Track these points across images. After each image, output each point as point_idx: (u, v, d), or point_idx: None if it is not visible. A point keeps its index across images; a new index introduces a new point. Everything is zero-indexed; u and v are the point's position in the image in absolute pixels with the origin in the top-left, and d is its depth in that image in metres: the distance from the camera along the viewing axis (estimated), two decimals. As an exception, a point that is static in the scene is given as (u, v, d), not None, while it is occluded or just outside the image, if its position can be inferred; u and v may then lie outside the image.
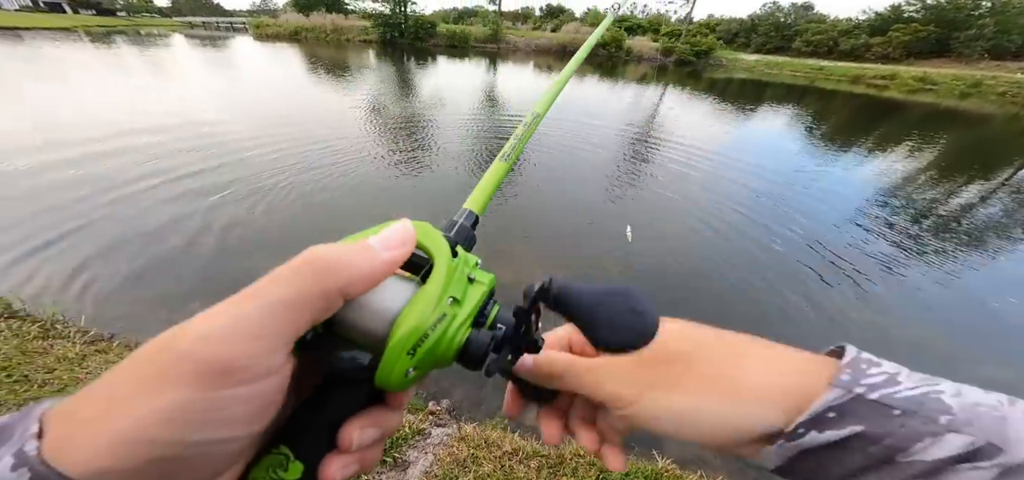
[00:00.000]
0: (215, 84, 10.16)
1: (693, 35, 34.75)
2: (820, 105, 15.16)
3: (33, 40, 17.55)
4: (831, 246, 3.84)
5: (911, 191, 5.79)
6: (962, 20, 34.61)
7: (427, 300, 0.20)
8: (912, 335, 2.78)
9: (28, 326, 1.82)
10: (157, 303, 2.38)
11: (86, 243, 2.90)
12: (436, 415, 1.78)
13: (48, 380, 1.50)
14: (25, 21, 29.21)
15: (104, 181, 3.91)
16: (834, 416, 0.21)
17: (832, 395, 0.21)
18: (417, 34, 30.55)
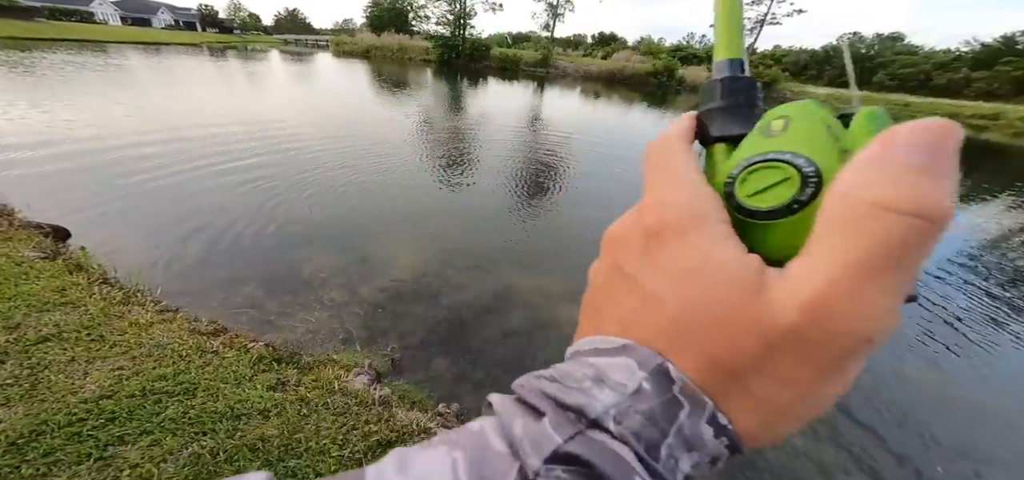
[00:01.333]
0: (295, 93, 11.49)
1: (755, 66, 33.00)
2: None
3: (169, 53, 21.26)
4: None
5: (1007, 250, 4.88)
6: None
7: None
8: (990, 405, 2.27)
9: (115, 291, 2.11)
10: (217, 285, 2.66)
11: (171, 225, 3.35)
12: (444, 417, 1.78)
13: (119, 341, 1.72)
14: (167, 37, 36.14)
15: (195, 174, 4.53)
16: None
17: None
18: (472, 55, 32.35)
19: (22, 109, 6.26)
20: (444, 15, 33.74)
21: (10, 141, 4.78)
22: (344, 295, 2.65)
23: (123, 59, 15.52)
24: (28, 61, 11.75)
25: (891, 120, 0.14)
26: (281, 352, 1.88)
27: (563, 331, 2.55)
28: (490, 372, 2.21)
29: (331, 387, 1.70)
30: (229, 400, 1.50)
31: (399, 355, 2.22)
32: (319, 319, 2.41)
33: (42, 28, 28.29)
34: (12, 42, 17.88)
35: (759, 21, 34.39)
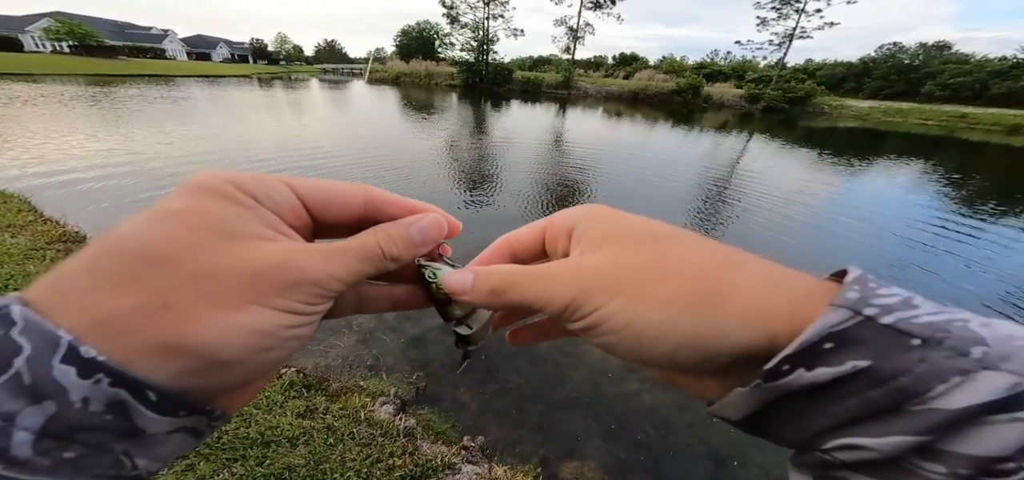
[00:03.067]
0: (331, 118, 12.28)
1: (786, 80, 31.87)
2: (959, 159, 12.40)
3: (225, 84, 23.62)
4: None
5: None
6: None
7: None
8: None
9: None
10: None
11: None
12: (469, 451, 1.73)
13: None
14: (224, 70, 40.88)
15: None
16: (831, 347, 0.15)
17: (832, 317, 0.16)
18: (496, 79, 33.43)
19: (99, 138, 7.06)
20: (468, 42, 35.33)
21: (81, 166, 5.38)
22: (372, 320, 2.70)
23: (186, 91, 17.30)
24: (107, 95, 13.36)
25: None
26: (311, 378, 1.92)
27: (593, 356, 2.45)
28: (517, 402, 2.15)
29: (357, 416, 1.71)
30: (260, 426, 1.54)
31: (424, 383, 2.20)
32: (348, 345, 2.45)
33: (122, 65, 32.35)
34: (99, 79, 20.47)
35: (788, 36, 33.44)
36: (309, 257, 0.20)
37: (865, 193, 7.54)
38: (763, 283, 0.18)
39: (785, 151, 12.14)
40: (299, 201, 0.22)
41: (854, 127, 21.40)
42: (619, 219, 0.23)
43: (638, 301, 0.19)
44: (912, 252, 4.74)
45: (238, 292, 0.17)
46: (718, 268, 0.19)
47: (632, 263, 0.21)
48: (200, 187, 0.19)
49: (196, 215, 0.18)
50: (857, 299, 0.16)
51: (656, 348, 0.19)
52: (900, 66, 40.93)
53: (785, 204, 6.21)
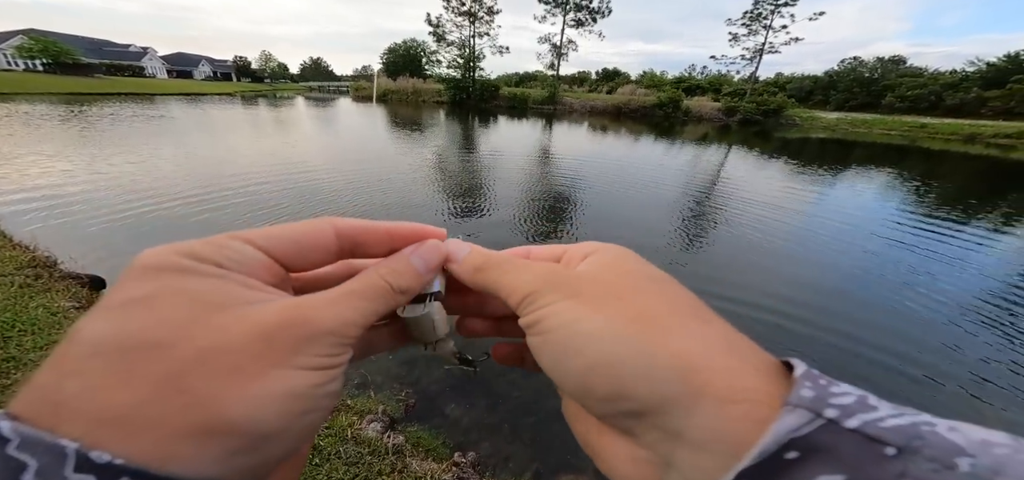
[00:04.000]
0: (317, 136, 12.18)
1: (759, 93, 33.48)
2: (924, 168, 13.16)
3: (208, 102, 23.12)
4: (958, 346, 3.08)
5: None
6: None
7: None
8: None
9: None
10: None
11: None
12: (459, 467, 1.69)
13: None
14: (206, 88, 40.14)
15: (224, 216, 4.75)
16: (796, 457, 0.13)
17: (791, 420, 0.13)
18: (483, 96, 33.94)
19: (70, 161, 6.80)
20: (455, 59, 35.90)
21: (56, 190, 5.16)
22: (359, 335, 2.65)
23: (164, 110, 16.91)
24: (79, 114, 12.93)
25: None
26: (330, 403, 1.85)
27: (581, 371, 2.46)
28: (508, 416, 2.12)
29: (344, 434, 1.66)
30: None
31: (414, 400, 2.16)
32: (334, 361, 2.39)
33: (98, 83, 31.43)
34: (73, 97, 19.83)
35: (758, 50, 35.27)
36: (316, 308, 0.18)
37: (842, 200, 7.88)
38: (714, 344, 0.17)
39: (764, 161, 12.66)
40: (264, 255, 0.20)
41: (825, 138, 22.52)
42: (635, 259, 0.22)
43: (586, 306, 0.19)
44: (892, 251, 4.98)
45: (256, 360, 0.16)
46: (687, 312, 0.18)
47: (606, 278, 0.20)
48: (154, 268, 0.17)
49: (169, 296, 0.16)
50: (814, 398, 0.14)
51: (574, 361, 0.18)
52: (861, 79, 43.57)
53: (768, 210, 6.44)
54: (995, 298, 3.87)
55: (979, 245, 5.42)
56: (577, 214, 5.79)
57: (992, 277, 4.37)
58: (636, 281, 0.20)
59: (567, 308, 0.19)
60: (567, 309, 0.19)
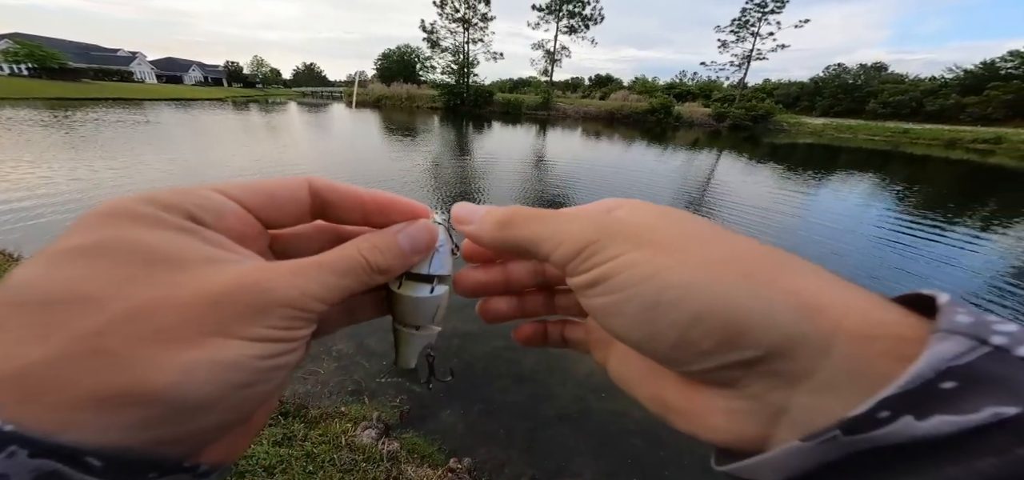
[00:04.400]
0: (310, 139, 12.11)
1: (748, 99, 34.18)
2: (908, 172, 13.53)
3: (197, 108, 22.77)
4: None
5: None
6: None
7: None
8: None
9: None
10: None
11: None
12: (455, 473, 1.68)
13: None
14: (196, 93, 39.30)
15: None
16: (954, 387, 0.11)
17: (948, 346, 0.12)
18: (477, 101, 34.11)
19: (50, 167, 6.65)
20: (449, 65, 36.06)
21: (36, 197, 5.04)
22: (352, 346, 2.62)
23: (152, 114, 16.66)
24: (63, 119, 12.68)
25: None
26: (288, 406, 1.83)
27: (578, 374, 2.46)
28: (504, 422, 2.12)
29: (338, 442, 1.64)
30: (234, 460, 1.45)
31: (408, 407, 2.14)
32: (328, 371, 2.37)
33: (84, 88, 30.88)
34: (58, 102, 19.43)
35: (746, 57, 36.09)
36: (277, 275, 0.17)
37: (832, 203, 8.06)
38: (825, 282, 0.15)
39: (753, 166, 12.90)
40: (239, 206, 0.19)
41: (812, 143, 23.03)
42: (669, 207, 0.20)
43: (668, 254, 0.16)
44: (882, 252, 5.13)
45: (194, 325, 0.14)
46: (777, 256, 0.16)
47: (669, 226, 0.18)
48: (110, 215, 0.15)
49: (115, 248, 0.15)
50: (974, 323, 0.12)
51: (670, 315, 0.15)
52: (845, 86, 44.76)
53: (761, 213, 6.56)
54: (978, 298, 3.98)
55: (962, 247, 5.58)
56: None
57: (979, 274, 4.51)
58: (699, 226, 0.18)
59: (645, 258, 0.16)
60: (646, 259, 0.16)
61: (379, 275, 0.21)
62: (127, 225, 0.15)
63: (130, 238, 0.15)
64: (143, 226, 0.15)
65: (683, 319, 0.15)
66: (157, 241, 0.15)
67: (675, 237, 0.17)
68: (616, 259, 0.17)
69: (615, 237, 0.17)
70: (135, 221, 0.15)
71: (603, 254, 0.17)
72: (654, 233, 0.17)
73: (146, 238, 0.15)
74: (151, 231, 0.15)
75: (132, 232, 0.15)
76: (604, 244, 0.17)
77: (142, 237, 0.15)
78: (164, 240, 0.16)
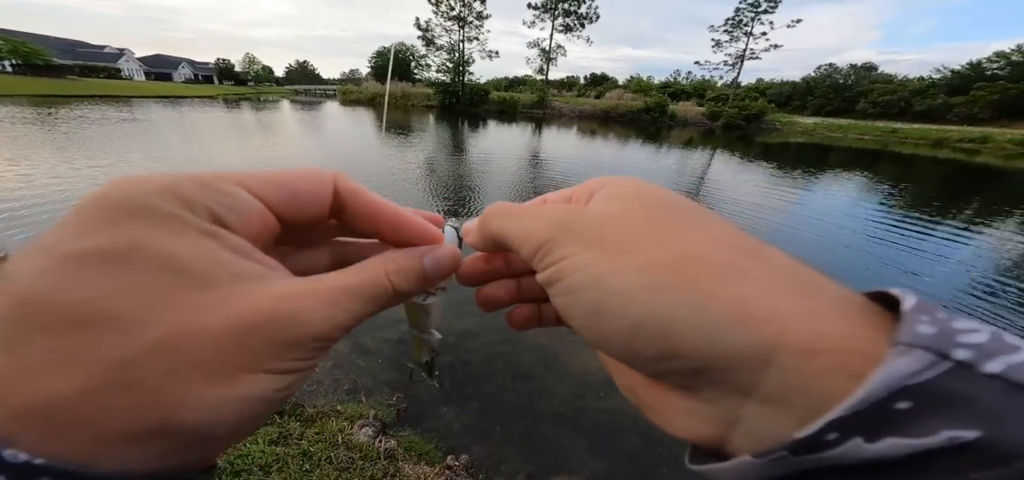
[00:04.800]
0: (303, 137, 11.98)
1: (741, 99, 34.53)
2: (896, 171, 13.77)
3: (188, 105, 22.39)
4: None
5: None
6: None
7: None
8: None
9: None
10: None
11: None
12: (453, 471, 1.69)
13: None
14: (186, 91, 38.44)
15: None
16: (908, 408, 0.11)
17: (906, 363, 0.11)
18: (472, 100, 34.03)
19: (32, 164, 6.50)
20: (444, 63, 35.89)
21: (12, 196, 4.93)
22: (348, 345, 2.61)
23: (142, 112, 16.35)
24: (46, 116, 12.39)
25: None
26: (284, 405, 1.82)
27: (575, 372, 2.47)
28: (501, 419, 2.12)
29: (335, 440, 1.63)
30: (228, 455, 1.44)
31: (405, 405, 2.14)
32: (323, 370, 2.35)
33: (70, 85, 30.21)
34: (41, 99, 18.98)
35: (739, 56, 36.43)
36: (309, 305, 0.16)
37: (824, 201, 8.19)
38: (775, 287, 0.14)
39: (746, 165, 13.03)
40: (261, 204, 0.17)
41: (803, 142, 23.33)
42: (649, 187, 0.19)
43: (614, 258, 0.16)
44: (874, 247, 5.23)
45: (227, 359, 0.14)
46: (733, 249, 0.15)
47: (630, 219, 0.17)
48: (128, 210, 0.14)
49: (142, 257, 0.13)
50: (936, 335, 0.11)
51: (613, 323, 0.15)
52: (836, 85, 45.44)
53: (754, 209, 6.64)
54: (961, 292, 4.07)
55: (952, 242, 5.69)
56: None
57: (970, 267, 4.61)
58: (665, 216, 0.17)
59: (591, 260, 0.16)
60: (592, 262, 0.16)
61: (398, 299, 0.20)
62: (150, 228, 0.14)
63: (155, 247, 0.14)
64: (167, 231, 0.14)
65: (625, 327, 0.15)
66: (183, 251, 0.14)
67: (630, 233, 0.16)
68: (566, 260, 0.17)
69: (569, 235, 0.17)
70: (158, 223, 0.14)
71: (556, 253, 0.17)
72: (610, 229, 0.17)
73: (171, 246, 0.14)
74: (176, 238, 0.14)
75: (157, 238, 0.14)
76: (558, 242, 0.17)
77: (167, 245, 0.14)
78: (190, 249, 0.14)
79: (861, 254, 5.09)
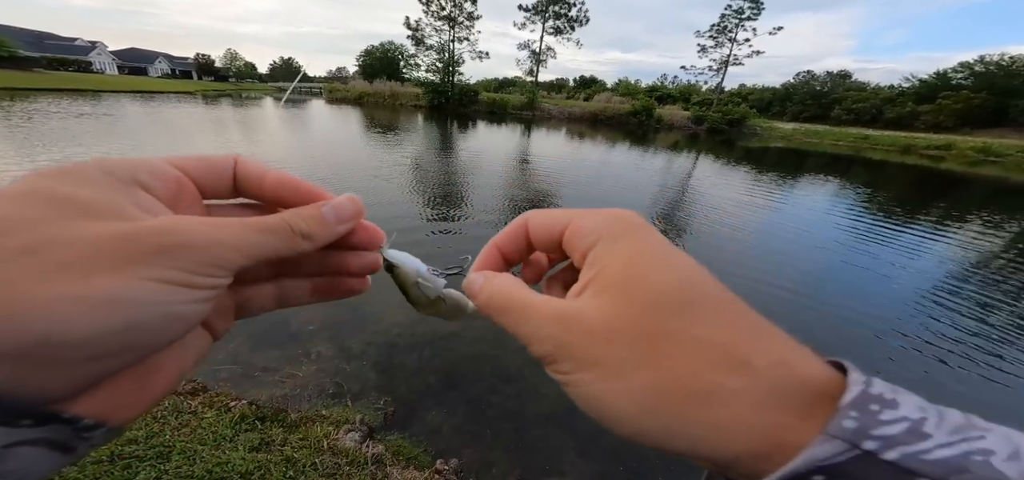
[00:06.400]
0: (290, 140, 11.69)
1: (725, 104, 35.47)
2: (869, 176, 14.40)
3: (163, 102, 21.48)
4: (899, 332, 3.39)
5: (993, 273, 5.10)
6: (1018, 88, 32.67)
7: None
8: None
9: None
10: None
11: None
12: (442, 475, 1.68)
13: None
14: (162, 86, 36.78)
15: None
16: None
17: (823, 449, 0.14)
18: (462, 100, 33.87)
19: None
20: (433, 63, 35.61)
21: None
22: (333, 349, 2.56)
23: (113, 107, 15.62)
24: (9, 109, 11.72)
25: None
26: (265, 410, 1.77)
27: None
28: (490, 422, 2.12)
29: (320, 446, 1.60)
30: (207, 463, 1.39)
31: (392, 409, 2.11)
32: (307, 374, 2.30)
33: (37, 78, 28.58)
34: (3, 92, 17.91)
35: (723, 62, 37.44)
36: (193, 223, 0.17)
37: (801, 205, 8.51)
38: (754, 392, 0.16)
39: (728, 169, 13.40)
40: (181, 172, 0.20)
41: (782, 147, 24.15)
42: (642, 257, 0.19)
43: (611, 380, 0.18)
44: (845, 253, 5.43)
45: (89, 260, 0.14)
46: (718, 365, 0.17)
47: (625, 333, 0.18)
48: (59, 171, 0.16)
49: (41, 194, 0.15)
50: (855, 429, 0.14)
51: (618, 428, 0.18)
52: (813, 92, 47.24)
53: (735, 211, 6.83)
54: (922, 296, 4.29)
55: (916, 249, 5.99)
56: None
57: (941, 264, 4.85)
58: (658, 324, 0.18)
59: (590, 380, 0.18)
60: (590, 382, 0.18)
61: (302, 240, 0.21)
62: (67, 180, 0.15)
63: (62, 190, 0.15)
64: (82, 183, 0.16)
65: (625, 433, 0.18)
66: (88, 196, 0.15)
67: (624, 350, 0.18)
68: (568, 376, 0.19)
69: (568, 356, 0.19)
70: (77, 179, 0.16)
71: (558, 367, 0.20)
72: (607, 350, 0.18)
73: (78, 192, 0.15)
74: (86, 187, 0.16)
75: (67, 186, 0.15)
76: (560, 359, 0.19)
77: (75, 191, 0.15)
78: (96, 195, 0.16)
79: (832, 257, 5.30)
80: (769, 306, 3.82)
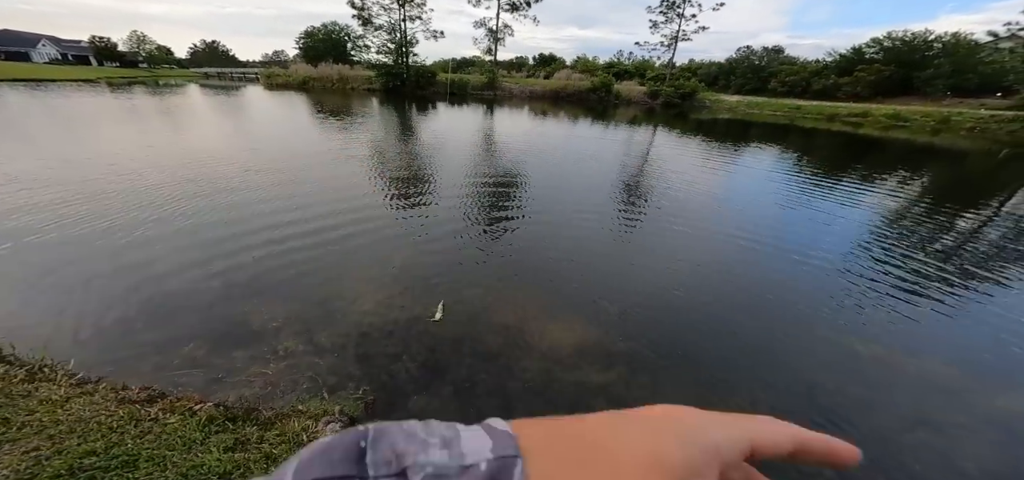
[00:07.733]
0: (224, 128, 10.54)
1: (677, 78, 37.02)
2: (802, 143, 15.88)
3: (59, 90, 18.37)
4: (833, 281, 3.88)
5: (906, 225, 5.92)
6: (919, 61, 37.26)
7: None
8: (920, 368, 2.74)
9: (16, 370, 1.76)
10: (150, 349, 2.31)
11: (78, 289, 2.87)
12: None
13: (29, 421, 1.44)
14: (53, 73, 31.01)
15: (91, 221, 3.94)
16: None
17: None
18: (418, 82, 32.28)
19: None
20: (385, 44, 33.44)
21: None
22: (302, 343, 2.45)
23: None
24: None
25: None
26: (235, 410, 1.69)
27: (540, 347, 2.58)
28: (475, 402, 2.17)
29: (299, 439, 1.56)
30: (180, 467, 1.32)
31: (373, 397, 2.09)
32: (276, 371, 2.20)
33: None
34: None
35: (674, 37, 38.85)
36: None
37: (752, 169, 9.25)
38: None
39: (685, 140, 14.15)
40: (750, 442, 0.22)
41: (729, 118, 25.85)
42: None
43: None
44: (793, 206, 6.04)
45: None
46: None
47: None
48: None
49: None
50: None
51: None
52: (752, 66, 50.60)
53: (700, 176, 7.27)
54: (858, 234, 4.91)
55: (848, 201, 6.79)
56: (525, 195, 5.94)
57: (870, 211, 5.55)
58: None
59: None
60: None
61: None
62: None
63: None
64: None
65: None
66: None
67: None
68: None
69: None
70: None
71: None
72: None
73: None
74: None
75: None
76: None
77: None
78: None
79: (782, 211, 5.88)
80: (741, 254, 4.33)
